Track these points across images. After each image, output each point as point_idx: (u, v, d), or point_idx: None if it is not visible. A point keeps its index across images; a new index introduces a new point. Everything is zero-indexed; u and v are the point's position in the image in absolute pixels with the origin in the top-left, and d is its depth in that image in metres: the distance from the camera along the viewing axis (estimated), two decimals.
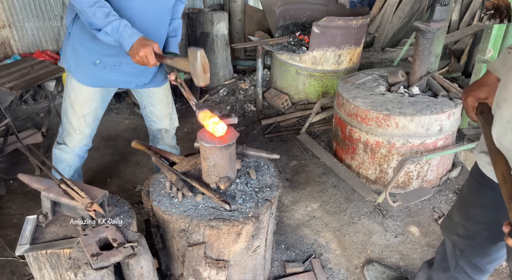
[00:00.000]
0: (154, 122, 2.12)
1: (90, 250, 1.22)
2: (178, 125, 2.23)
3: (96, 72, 1.79)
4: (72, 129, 1.91)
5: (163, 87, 2.03)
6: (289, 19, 3.90)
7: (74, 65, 1.79)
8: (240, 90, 3.94)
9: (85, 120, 1.90)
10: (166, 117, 2.11)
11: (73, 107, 1.86)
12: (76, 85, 1.82)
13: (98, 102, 1.91)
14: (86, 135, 1.95)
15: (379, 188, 2.58)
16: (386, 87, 2.63)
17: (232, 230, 1.46)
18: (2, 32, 3.39)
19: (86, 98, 1.85)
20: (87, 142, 1.98)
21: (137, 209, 2.34)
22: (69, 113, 1.88)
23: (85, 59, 1.76)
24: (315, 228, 2.28)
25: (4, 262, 2.00)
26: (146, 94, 2.02)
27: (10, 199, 2.46)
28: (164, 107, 2.08)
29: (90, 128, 1.94)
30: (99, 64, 1.77)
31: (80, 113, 1.87)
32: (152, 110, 2.07)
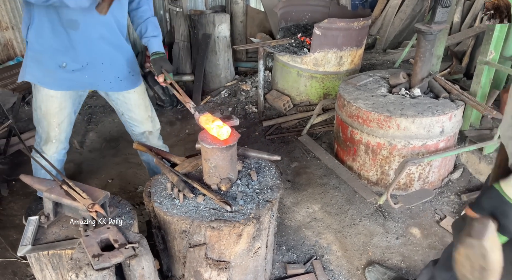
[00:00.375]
0: (136, 126, 2.10)
1: (92, 251, 1.22)
2: (160, 127, 2.20)
3: (66, 75, 1.77)
4: (49, 138, 1.91)
5: (137, 91, 2.00)
6: (291, 21, 3.91)
7: (41, 74, 1.77)
8: (242, 91, 3.95)
9: (60, 128, 1.91)
10: (146, 120, 2.09)
11: (46, 118, 1.86)
12: (45, 97, 1.81)
13: (70, 108, 1.90)
14: (62, 141, 1.96)
15: (380, 190, 2.58)
16: (388, 89, 2.63)
17: (233, 231, 1.46)
18: (5, 34, 3.41)
19: (57, 108, 1.85)
20: (64, 146, 2.00)
21: (138, 210, 2.35)
22: (44, 124, 1.88)
23: (50, 65, 1.74)
24: (316, 229, 2.28)
25: (6, 262, 2.01)
26: (122, 101, 2.00)
27: (12, 200, 2.47)
28: (143, 111, 2.06)
29: (66, 133, 1.96)
30: (67, 67, 1.75)
31: (55, 123, 1.88)
32: (130, 115, 2.05)
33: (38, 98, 1.83)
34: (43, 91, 1.81)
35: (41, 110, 1.85)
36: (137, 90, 2.00)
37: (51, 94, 1.81)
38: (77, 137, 3.15)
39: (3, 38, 3.42)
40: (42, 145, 1.95)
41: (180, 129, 3.44)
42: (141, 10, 1.90)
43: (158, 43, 1.92)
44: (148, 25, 1.90)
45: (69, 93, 1.86)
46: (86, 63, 1.78)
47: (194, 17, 3.97)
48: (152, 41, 1.90)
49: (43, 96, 1.81)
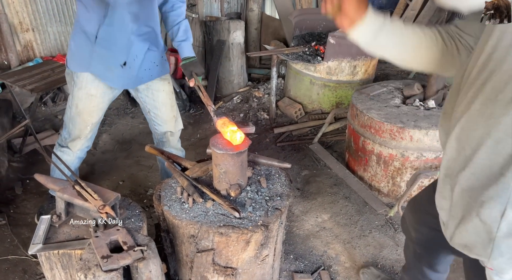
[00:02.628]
0: (159, 125, 2.15)
1: (101, 252, 1.23)
2: (183, 128, 2.25)
3: (124, 74, 1.85)
4: (79, 136, 1.97)
5: (165, 90, 2.05)
6: (305, 29, 3.92)
7: (104, 70, 1.83)
8: (254, 98, 3.96)
9: (91, 127, 1.97)
10: (171, 120, 2.14)
11: (81, 116, 1.91)
12: (85, 95, 1.87)
13: (104, 108, 1.97)
14: (89, 139, 2.03)
15: (391, 202, 2.55)
16: (401, 100, 2.60)
17: (241, 238, 1.45)
18: (25, 35, 3.50)
19: (95, 107, 1.90)
20: (88, 144, 2.06)
21: (147, 213, 2.37)
22: (77, 121, 1.93)
23: (113, 63, 1.81)
24: (325, 239, 2.26)
25: (17, 260, 2.04)
26: (150, 98, 2.05)
27: (26, 198, 2.52)
28: (168, 110, 2.11)
29: (93, 132, 2.03)
30: (126, 66, 1.83)
31: (89, 121, 1.93)
32: (156, 113, 2.10)
33: (76, 96, 1.88)
34: (84, 89, 1.86)
35: (77, 108, 1.89)
36: (165, 89, 2.05)
37: (92, 92, 1.87)
38: None
39: (23, 40, 3.51)
40: (69, 141, 2.00)
41: (191, 134, 3.46)
42: (174, 13, 1.94)
43: (188, 47, 1.96)
44: (180, 29, 1.94)
45: (108, 94, 1.92)
46: (136, 56, 1.85)
47: (209, 24, 4.02)
48: (183, 46, 1.94)
49: (83, 94, 1.86)
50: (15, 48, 3.44)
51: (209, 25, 4.02)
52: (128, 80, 1.91)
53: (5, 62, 3.48)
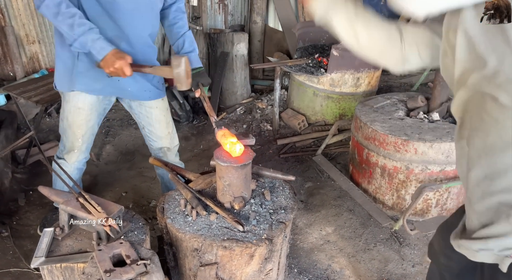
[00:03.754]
0: (154, 141, 2.13)
1: (104, 266, 1.22)
2: (178, 143, 2.23)
3: (112, 83, 1.83)
4: (72, 148, 1.98)
5: (159, 106, 2.04)
6: (308, 41, 3.95)
7: (88, 84, 1.81)
8: (257, 109, 3.97)
9: (83, 139, 1.97)
10: (166, 137, 2.12)
11: (71, 128, 1.92)
12: (73, 108, 1.87)
13: (94, 120, 1.96)
14: (83, 151, 2.03)
15: (396, 215, 2.52)
16: (405, 112, 2.60)
17: (245, 252, 1.44)
18: (31, 47, 3.55)
19: (83, 120, 1.91)
20: (85, 155, 2.06)
21: (150, 225, 2.35)
22: (69, 134, 1.94)
23: (98, 74, 1.79)
24: (329, 252, 2.23)
25: (19, 273, 2.02)
26: (144, 115, 2.04)
27: (29, 209, 2.51)
28: (163, 127, 2.09)
29: (87, 143, 2.02)
30: (114, 77, 1.79)
31: (78, 134, 1.94)
32: (151, 130, 2.09)
33: (66, 109, 1.89)
34: (71, 103, 1.86)
35: (68, 121, 1.91)
36: (159, 106, 2.04)
37: (79, 105, 1.87)
38: (94, 150, 3.21)
39: (29, 52, 3.55)
40: (65, 153, 2.01)
41: (195, 145, 3.46)
42: (177, 25, 1.94)
43: (195, 58, 1.95)
44: (185, 41, 1.94)
45: (96, 106, 1.91)
46: None
47: (213, 36, 4.06)
48: (190, 57, 1.91)
49: (71, 107, 1.87)
50: (21, 60, 3.48)
51: (213, 37, 4.06)
52: (118, 90, 1.89)
53: (10, 74, 3.52)
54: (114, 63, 1.58)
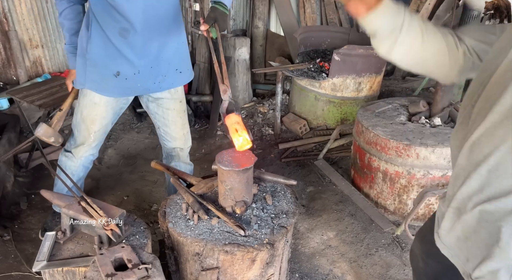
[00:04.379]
0: (169, 142, 2.15)
1: (105, 270, 1.22)
2: (191, 145, 2.25)
3: (120, 84, 1.83)
4: (82, 142, 1.97)
5: (176, 109, 2.04)
6: (310, 46, 3.96)
7: (97, 82, 1.83)
8: (259, 113, 3.98)
9: (95, 135, 1.96)
10: (181, 138, 2.14)
11: (84, 122, 1.92)
12: (89, 103, 1.87)
13: (109, 118, 1.96)
14: (93, 147, 2.02)
15: (397, 220, 2.51)
16: (407, 117, 2.60)
17: (246, 256, 1.44)
18: (35, 51, 3.57)
19: (98, 115, 1.90)
20: (93, 152, 2.05)
21: (152, 229, 2.35)
22: (81, 127, 1.94)
23: (105, 73, 1.80)
24: (330, 257, 2.23)
25: (20, 277, 2.02)
26: (160, 116, 2.05)
27: (31, 213, 2.51)
28: (178, 128, 2.10)
29: (98, 141, 2.01)
30: (120, 76, 1.81)
31: (91, 129, 1.93)
32: (166, 130, 2.10)
33: (82, 103, 1.90)
34: (88, 97, 1.86)
35: (82, 115, 1.91)
36: (176, 108, 2.04)
37: (95, 100, 1.86)
38: None
39: (33, 56, 3.57)
40: (73, 147, 2.01)
41: (196, 149, 3.47)
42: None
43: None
44: None
45: (112, 103, 1.91)
46: (138, 71, 1.83)
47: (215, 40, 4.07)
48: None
49: (87, 102, 1.87)
50: (24, 64, 3.50)
51: (215, 41, 4.08)
52: (126, 90, 1.88)
53: (14, 78, 3.54)
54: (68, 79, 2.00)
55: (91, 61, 1.80)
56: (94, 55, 1.78)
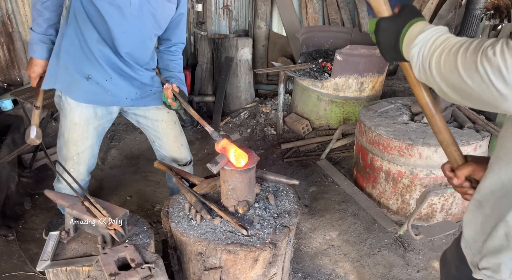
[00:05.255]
0: (165, 156, 2.08)
1: (109, 269, 1.23)
2: (191, 159, 2.16)
3: (90, 88, 1.78)
4: (66, 166, 1.85)
5: (165, 120, 1.99)
6: (312, 46, 3.97)
7: (67, 83, 1.78)
8: (261, 113, 3.99)
9: (79, 158, 1.86)
10: (175, 151, 2.07)
11: (67, 145, 1.83)
12: (69, 123, 1.81)
13: (93, 139, 1.87)
14: (81, 172, 1.90)
15: (400, 219, 2.51)
16: (410, 117, 2.60)
17: (249, 256, 1.44)
18: None
19: (79, 136, 1.82)
20: (83, 178, 1.92)
21: (155, 229, 2.36)
22: (63, 152, 1.85)
23: (77, 75, 1.76)
24: (333, 257, 2.23)
25: (24, 276, 2.03)
26: (151, 128, 2.01)
27: (35, 213, 2.53)
28: (171, 140, 2.04)
29: (86, 165, 1.90)
30: (91, 80, 1.77)
31: (74, 151, 1.84)
32: (160, 144, 2.05)
33: (63, 125, 1.84)
34: (68, 118, 1.81)
35: (64, 138, 1.84)
36: (164, 119, 1.99)
37: (75, 121, 1.81)
38: (100, 154, 3.22)
39: None
40: (62, 173, 1.89)
41: (199, 149, 3.48)
42: (174, 62, 1.95)
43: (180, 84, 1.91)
44: (171, 78, 1.92)
45: (92, 122, 1.84)
46: (110, 78, 1.79)
47: (217, 41, 4.08)
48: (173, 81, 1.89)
49: (68, 123, 1.82)
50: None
51: (217, 42, 4.09)
52: (96, 96, 1.81)
53: (17, 79, 3.56)
54: (29, 70, 1.83)
55: (64, 61, 1.76)
56: (68, 55, 1.75)
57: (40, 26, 1.75)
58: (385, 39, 0.92)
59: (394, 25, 0.90)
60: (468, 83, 0.72)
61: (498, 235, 0.89)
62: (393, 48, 0.91)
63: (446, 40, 0.79)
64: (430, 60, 0.80)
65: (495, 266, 0.91)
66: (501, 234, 0.88)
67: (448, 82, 0.77)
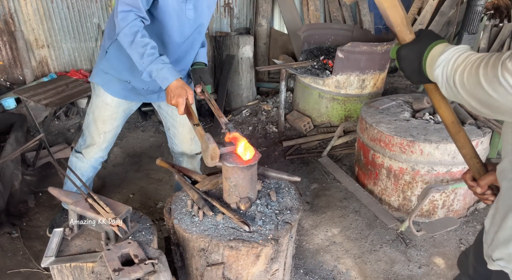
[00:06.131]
0: (176, 145, 2.16)
1: (112, 265, 1.24)
2: (201, 152, 2.18)
3: (127, 87, 1.88)
4: (92, 143, 1.99)
5: None
6: (314, 44, 3.97)
7: (107, 80, 1.87)
8: (263, 111, 3.99)
9: (105, 137, 1.98)
10: (187, 142, 2.14)
11: (96, 123, 1.94)
12: (101, 103, 1.90)
13: (120, 120, 1.98)
14: (103, 149, 2.03)
15: (402, 216, 2.52)
16: (411, 113, 2.60)
17: (251, 252, 1.45)
18: (41, 51, 3.61)
19: (109, 116, 1.93)
20: (103, 155, 2.06)
21: (158, 226, 2.37)
22: (92, 128, 1.96)
23: (117, 77, 1.85)
24: (335, 254, 2.24)
25: (29, 273, 2.05)
26: (170, 116, 2.07)
27: (38, 211, 2.55)
28: (186, 131, 2.11)
29: (108, 143, 2.02)
30: (129, 84, 1.86)
31: (101, 130, 1.95)
32: (174, 132, 2.11)
33: (94, 103, 1.92)
34: (101, 97, 1.89)
35: (94, 115, 1.93)
36: None
37: (107, 101, 1.89)
38: None
39: (39, 56, 3.61)
40: (83, 148, 2.03)
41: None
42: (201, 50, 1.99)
43: (203, 53, 1.97)
44: None
45: (123, 106, 1.94)
46: (147, 87, 1.89)
47: (219, 39, 4.09)
48: (199, 52, 1.95)
49: (99, 102, 1.90)
50: (30, 64, 3.54)
51: (219, 40, 4.10)
52: (131, 96, 1.92)
53: (20, 78, 3.58)
54: (172, 99, 1.58)
55: (108, 61, 1.83)
56: (113, 59, 1.81)
57: (151, 54, 1.55)
58: (407, 65, 0.95)
59: (415, 52, 0.93)
60: (494, 97, 0.73)
61: (508, 226, 0.91)
62: (418, 73, 0.94)
63: (467, 57, 0.81)
64: (454, 77, 0.82)
65: (507, 256, 0.93)
66: (510, 225, 0.90)
67: (475, 97, 0.79)
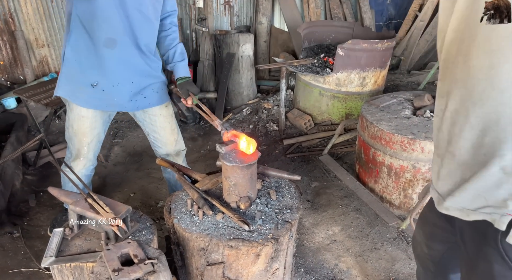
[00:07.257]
0: (159, 148, 2.14)
1: (112, 265, 1.24)
2: (185, 148, 2.23)
3: (95, 95, 1.82)
4: (78, 155, 1.97)
5: (163, 114, 2.03)
6: (314, 41, 3.95)
7: (71, 90, 1.82)
8: (263, 109, 3.98)
9: (89, 147, 1.96)
10: (171, 143, 2.13)
11: (77, 136, 1.92)
12: (77, 116, 1.87)
13: (100, 128, 1.95)
14: (90, 159, 2.02)
15: (403, 214, 2.51)
16: (412, 111, 2.59)
17: (251, 251, 1.45)
18: (41, 51, 3.61)
19: (88, 128, 1.90)
20: (92, 163, 2.05)
21: (158, 225, 2.37)
22: (74, 141, 1.94)
23: (82, 82, 1.79)
24: (336, 252, 2.23)
25: (30, 273, 2.06)
26: (148, 122, 2.05)
27: (39, 210, 2.55)
28: (168, 134, 2.09)
29: (94, 151, 2.01)
30: (97, 87, 1.80)
31: (84, 142, 1.93)
32: (156, 137, 2.10)
33: (71, 117, 1.90)
34: (75, 111, 1.87)
35: (73, 129, 1.91)
36: (163, 113, 2.04)
37: (83, 114, 1.87)
38: (103, 151, 3.25)
39: (39, 55, 3.61)
40: (72, 161, 2.01)
41: (201, 145, 3.49)
42: (170, 37, 1.97)
43: (184, 68, 1.98)
44: (176, 51, 1.97)
45: (99, 114, 1.91)
46: (117, 83, 1.83)
47: (219, 37, 4.08)
48: (179, 66, 1.97)
49: (75, 115, 1.88)
50: (30, 64, 3.54)
51: (219, 38, 4.09)
52: (101, 102, 1.86)
53: (21, 77, 3.58)
54: None
55: (68, 67, 1.79)
56: (73, 61, 1.77)
57: None
58: None
59: None
60: None
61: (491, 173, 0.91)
62: None
63: None
64: None
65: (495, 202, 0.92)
66: (493, 171, 0.90)
67: None
